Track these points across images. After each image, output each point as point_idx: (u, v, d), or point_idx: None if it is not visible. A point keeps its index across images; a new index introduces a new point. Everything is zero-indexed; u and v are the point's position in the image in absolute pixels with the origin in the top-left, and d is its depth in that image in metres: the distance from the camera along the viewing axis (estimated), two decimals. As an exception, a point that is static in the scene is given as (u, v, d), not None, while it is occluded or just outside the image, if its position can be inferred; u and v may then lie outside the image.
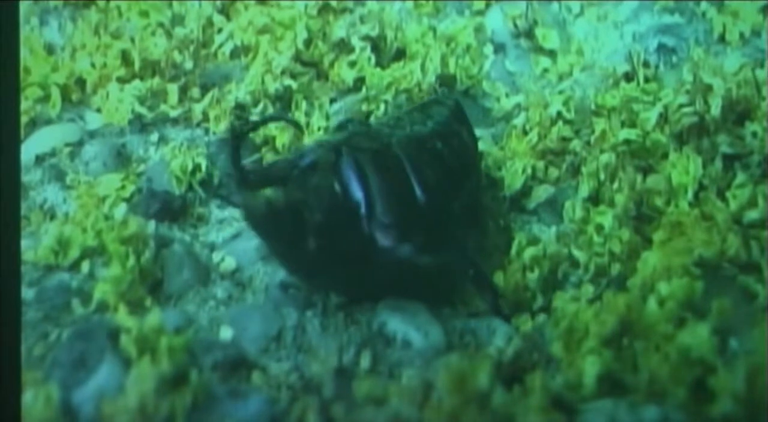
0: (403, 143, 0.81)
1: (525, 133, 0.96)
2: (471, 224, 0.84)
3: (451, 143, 0.84)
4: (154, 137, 0.97)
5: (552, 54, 1.08)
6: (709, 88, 0.92)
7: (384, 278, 0.78)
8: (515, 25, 1.10)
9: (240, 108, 0.98)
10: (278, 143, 0.96)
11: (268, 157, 0.95)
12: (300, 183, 0.76)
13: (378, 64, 1.03)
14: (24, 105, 0.96)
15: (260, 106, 0.98)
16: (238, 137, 0.82)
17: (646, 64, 1.02)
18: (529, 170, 0.91)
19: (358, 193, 0.76)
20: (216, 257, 0.86)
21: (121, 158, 0.95)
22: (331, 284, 0.80)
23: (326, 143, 0.80)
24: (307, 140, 0.95)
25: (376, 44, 1.04)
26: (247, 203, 0.77)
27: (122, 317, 0.72)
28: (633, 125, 0.93)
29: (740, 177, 0.86)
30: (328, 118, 0.98)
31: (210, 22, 1.07)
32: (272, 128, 0.96)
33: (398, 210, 0.76)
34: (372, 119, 0.98)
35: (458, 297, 0.82)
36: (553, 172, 0.92)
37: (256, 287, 0.83)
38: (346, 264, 0.77)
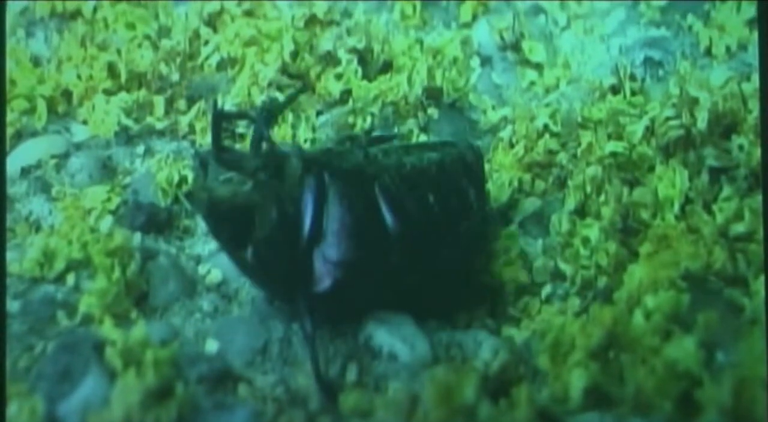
0: (388, 171, 0.77)
1: (511, 146, 0.96)
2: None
3: (443, 191, 0.79)
4: (140, 149, 0.97)
5: (538, 67, 1.08)
6: (695, 101, 0.92)
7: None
8: (502, 38, 1.10)
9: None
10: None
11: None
12: (264, 188, 0.74)
13: (365, 76, 1.03)
14: (10, 117, 0.96)
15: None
16: (220, 116, 0.79)
17: (632, 78, 1.02)
18: (515, 183, 0.91)
19: (307, 218, 0.73)
20: (202, 269, 0.86)
21: (107, 170, 0.95)
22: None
23: (306, 153, 0.77)
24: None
25: (363, 57, 1.04)
26: (197, 194, 0.77)
27: (107, 329, 0.72)
28: (619, 138, 0.92)
29: (726, 190, 0.86)
30: (314, 130, 0.98)
31: (196, 35, 1.07)
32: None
33: (352, 249, 0.74)
34: (357, 129, 0.98)
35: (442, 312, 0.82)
36: (540, 185, 0.92)
37: (242, 299, 0.83)
38: (278, 288, 0.77)
